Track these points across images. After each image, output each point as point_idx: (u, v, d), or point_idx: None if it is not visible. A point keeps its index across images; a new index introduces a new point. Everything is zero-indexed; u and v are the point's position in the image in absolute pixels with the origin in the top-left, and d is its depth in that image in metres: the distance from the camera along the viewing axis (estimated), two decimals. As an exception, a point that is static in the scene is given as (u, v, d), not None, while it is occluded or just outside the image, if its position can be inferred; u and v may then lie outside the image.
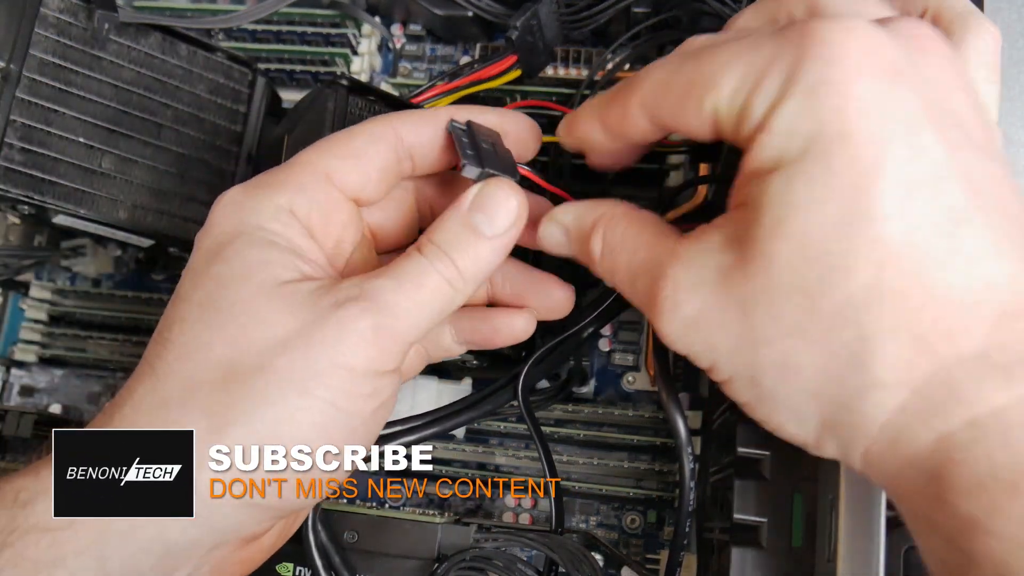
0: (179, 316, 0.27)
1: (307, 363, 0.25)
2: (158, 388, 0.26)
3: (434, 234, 0.28)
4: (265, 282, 0.26)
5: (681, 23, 0.50)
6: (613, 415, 0.45)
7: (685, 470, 0.31)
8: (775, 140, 0.22)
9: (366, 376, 0.26)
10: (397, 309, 0.26)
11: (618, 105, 0.27)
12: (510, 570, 0.34)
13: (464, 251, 0.28)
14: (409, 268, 0.27)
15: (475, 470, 0.46)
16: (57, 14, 0.39)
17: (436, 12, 0.49)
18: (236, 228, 0.27)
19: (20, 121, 0.38)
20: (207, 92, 0.44)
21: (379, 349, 0.26)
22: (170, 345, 0.26)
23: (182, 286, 0.27)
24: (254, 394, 0.25)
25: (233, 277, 0.26)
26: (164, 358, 0.26)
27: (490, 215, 0.28)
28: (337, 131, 0.29)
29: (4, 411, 0.46)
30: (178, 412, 0.25)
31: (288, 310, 0.26)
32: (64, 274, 0.53)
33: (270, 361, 0.25)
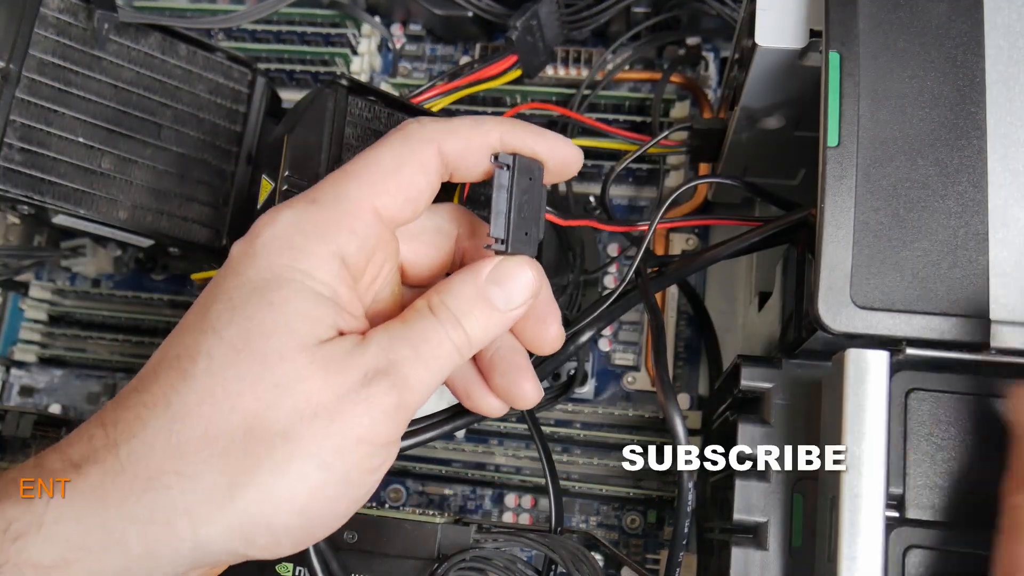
0: (207, 350, 0.25)
1: (331, 438, 0.25)
2: (175, 429, 0.25)
3: (449, 299, 0.28)
4: (306, 340, 0.26)
5: (681, 23, 0.50)
6: (613, 415, 0.45)
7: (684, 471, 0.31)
8: None
9: (381, 448, 0.26)
10: (417, 385, 0.27)
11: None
12: (510, 570, 0.34)
13: (476, 321, 0.28)
14: (426, 335, 0.27)
15: (475, 470, 0.46)
16: (57, 14, 0.39)
17: (436, 12, 0.49)
18: (285, 269, 0.26)
19: (20, 121, 0.38)
20: (207, 92, 0.44)
21: (396, 424, 0.27)
22: (192, 382, 0.25)
23: (212, 311, 0.26)
24: (275, 460, 0.25)
25: (276, 328, 0.26)
26: (183, 395, 0.25)
27: (506, 292, 0.28)
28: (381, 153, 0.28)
29: (4, 411, 0.46)
30: (194, 464, 0.24)
31: (321, 377, 0.25)
32: (64, 274, 0.53)
33: (296, 429, 0.25)
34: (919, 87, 0.30)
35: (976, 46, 0.30)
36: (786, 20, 0.33)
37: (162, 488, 0.24)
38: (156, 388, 0.25)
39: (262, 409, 0.25)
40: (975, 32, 0.30)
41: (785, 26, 0.33)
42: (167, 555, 0.25)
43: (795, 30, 0.33)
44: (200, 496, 0.24)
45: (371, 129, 0.37)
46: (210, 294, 0.27)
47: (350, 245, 0.27)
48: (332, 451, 0.25)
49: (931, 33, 0.30)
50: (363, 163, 0.28)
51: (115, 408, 0.26)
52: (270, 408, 0.25)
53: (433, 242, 0.31)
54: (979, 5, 0.30)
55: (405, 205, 0.28)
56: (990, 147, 0.29)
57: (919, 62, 0.30)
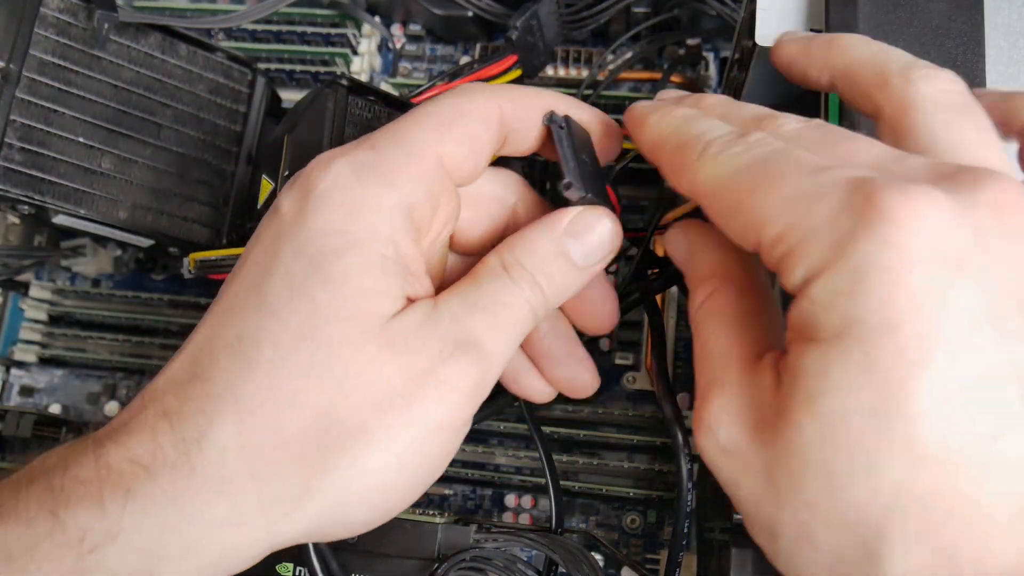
0: (270, 337, 0.24)
1: (409, 428, 0.24)
2: (244, 428, 0.23)
3: (523, 255, 0.26)
4: (372, 322, 0.24)
5: (681, 23, 0.50)
6: (613, 415, 0.45)
7: (682, 471, 0.31)
8: (815, 309, 0.20)
9: (460, 430, 0.25)
10: (496, 356, 0.25)
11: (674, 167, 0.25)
12: (510, 570, 0.34)
13: (553, 278, 0.26)
14: (501, 297, 0.26)
15: (475, 470, 0.46)
16: (57, 14, 0.39)
17: (436, 12, 0.49)
18: (346, 229, 0.24)
19: (20, 121, 0.38)
20: (207, 92, 0.44)
21: (475, 402, 0.25)
22: (257, 373, 0.24)
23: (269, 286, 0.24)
24: (351, 458, 0.24)
25: (339, 313, 0.24)
26: (250, 388, 0.24)
27: (587, 246, 0.26)
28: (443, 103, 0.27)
29: (4, 411, 0.46)
30: (268, 465, 0.23)
31: (394, 360, 0.24)
32: (64, 274, 0.53)
33: (371, 423, 0.24)
34: (919, 87, 0.30)
35: (976, 46, 0.30)
36: (786, 20, 0.33)
37: (238, 492, 0.23)
38: (218, 376, 0.24)
39: (333, 404, 0.24)
40: (975, 32, 0.30)
41: (785, 26, 0.33)
42: (242, 555, 0.24)
43: (795, 30, 0.33)
44: (276, 498, 0.24)
45: (371, 129, 0.36)
46: (263, 261, 0.25)
47: (416, 193, 0.25)
48: (410, 442, 0.24)
49: (931, 33, 0.30)
50: (424, 111, 0.27)
51: (174, 395, 0.24)
52: (341, 403, 0.24)
53: (489, 209, 0.29)
54: (979, 5, 0.30)
55: (468, 157, 0.26)
56: (990, 147, 0.29)
57: (919, 62, 0.30)
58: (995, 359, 0.19)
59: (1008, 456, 0.18)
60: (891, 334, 0.19)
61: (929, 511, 0.19)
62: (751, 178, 0.22)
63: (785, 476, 0.21)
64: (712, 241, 0.26)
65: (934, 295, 0.19)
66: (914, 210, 0.19)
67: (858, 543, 0.20)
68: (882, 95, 0.24)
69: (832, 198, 0.20)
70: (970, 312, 0.19)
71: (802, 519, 0.21)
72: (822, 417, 0.20)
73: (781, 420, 0.21)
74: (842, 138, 0.23)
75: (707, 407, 0.23)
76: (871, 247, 0.19)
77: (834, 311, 0.20)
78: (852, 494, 0.19)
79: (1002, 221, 0.19)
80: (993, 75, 0.30)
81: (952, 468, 0.18)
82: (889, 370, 0.19)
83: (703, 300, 0.26)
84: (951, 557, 0.19)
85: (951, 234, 0.19)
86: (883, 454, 0.19)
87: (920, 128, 0.23)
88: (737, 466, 0.22)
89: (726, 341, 0.24)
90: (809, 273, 0.20)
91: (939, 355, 0.18)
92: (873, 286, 0.19)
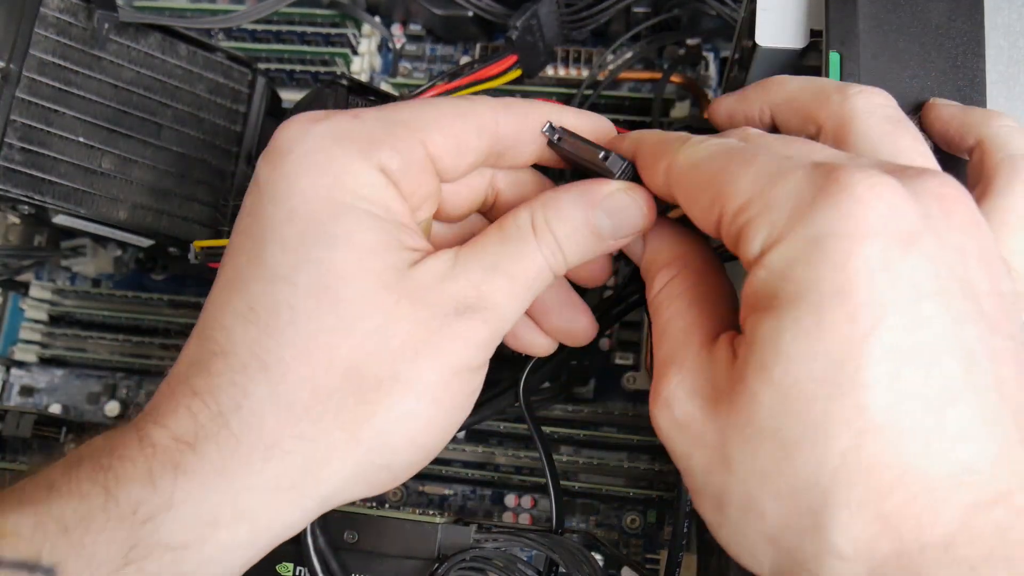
0: (286, 301, 0.24)
1: (436, 371, 0.25)
2: (280, 392, 0.24)
3: (555, 221, 0.26)
4: (386, 276, 0.25)
5: (681, 23, 0.50)
6: (613, 415, 0.45)
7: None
8: (771, 277, 0.21)
9: (479, 370, 0.27)
10: (508, 314, 0.26)
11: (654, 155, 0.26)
12: (510, 570, 0.34)
13: (577, 248, 0.27)
14: (523, 259, 0.26)
15: (475, 470, 0.46)
16: (57, 14, 0.39)
17: (436, 12, 0.49)
18: (332, 195, 0.25)
19: (20, 121, 0.38)
20: (207, 92, 0.44)
21: (490, 348, 0.26)
22: (280, 337, 0.24)
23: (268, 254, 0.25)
24: (391, 405, 0.25)
25: (350, 271, 0.24)
26: (278, 354, 0.24)
27: (618, 222, 0.27)
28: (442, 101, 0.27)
29: (4, 411, 0.46)
30: (311, 424, 0.24)
31: (412, 312, 0.25)
32: (64, 274, 0.53)
33: (402, 370, 0.25)
34: (919, 87, 0.30)
35: (976, 46, 0.30)
36: (786, 20, 0.33)
37: (284, 455, 0.24)
38: (240, 348, 0.24)
39: (363, 358, 0.24)
40: (975, 32, 0.30)
41: (785, 26, 0.33)
42: (297, 517, 0.25)
43: (795, 30, 0.33)
44: (323, 455, 0.24)
45: (371, 129, 0.36)
46: (253, 231, 0.25)
47: (394, 160, 0.25)
48: (439, 384, 0.25)
49: (931, 33, 0.30)
50: (420, 100, 0.27)
51: (201, 374, 0.25)
52: (371, 356, 0.24)
53: (468, 181, 0.29)
54: (979, 5, 0.30)
55: (452, 154, 0.27)
56: (990, 147, 0.29)
57: (919, 62, 0.30)
58: (940, 333, 0.19)
59: (950, 428, 0.19)
60: (843, 301, 0.19)
61: (874, 479, 0.19)
62: (722, 160, 0.23)
63: (737, 446, 0.21)
64: (671, 232, 0.28)
65: (887, 266, 0.19)
66: (871, 186, 0.20)
67: (804, 511, 0.20)
68: (823, 112, 0.26)
69: (795, 174, 0.21)
70: (919, 286, 0.19)
71: (751, 488, 0.21)
72: (775, 384, 0.20)
73: (736, 390, 0.21)
74: (802, 141, 0.25)
75: (664, 383, 0.24)
76: (828, 216, 0.20)
77: (789, 278, 0.20)
78: (801, 461, 0.20)
79: (947, 211, 0.21)
80: (993, 75, 0.30)
81: (898, 436, 0.19)
82: (840, 338, 0.19)
83: (663, 285, 0.27)
84: (894, 525, 0.19)
85: (905, 212, 0.20)
86: (832, 422, 0.19)
87: (861, 137, 0.25)
88: (690, 439, 0.23)
89: (684, 322, 0.25)
90: (767, 242, 0.21)
91: (888, 324, 0.19)
92: (829, 253, 0.20)
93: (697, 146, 0.25)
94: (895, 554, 0.19)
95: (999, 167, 0.26)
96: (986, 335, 0.20)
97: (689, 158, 0.24)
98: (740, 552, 0.23)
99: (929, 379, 0.19)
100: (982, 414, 0.19)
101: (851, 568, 0.20)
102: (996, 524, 0.19)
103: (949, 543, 0.19)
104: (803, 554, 0.21)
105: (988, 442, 0.19)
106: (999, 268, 0.21)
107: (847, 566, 0.20)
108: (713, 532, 0.23)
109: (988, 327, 0.20)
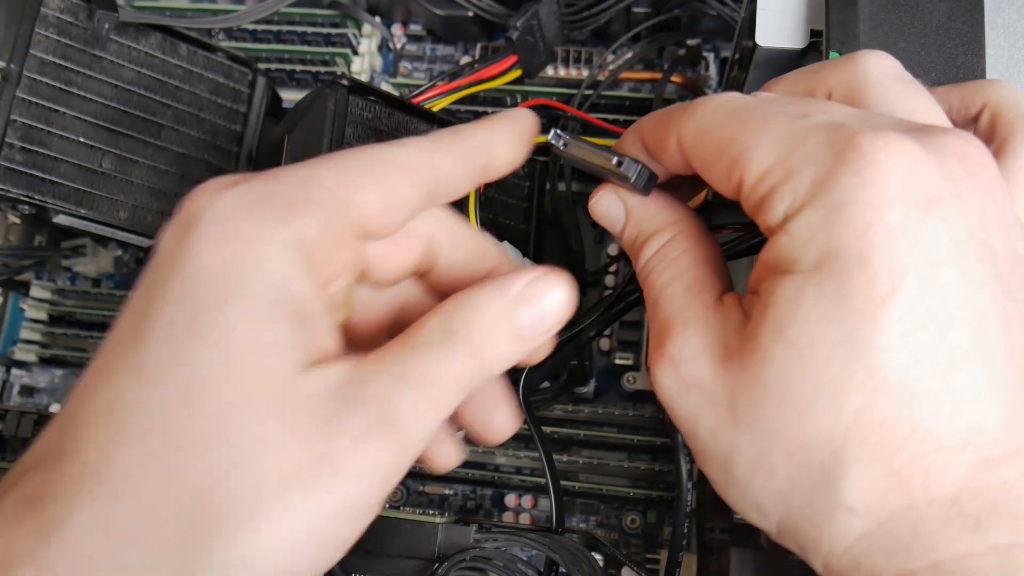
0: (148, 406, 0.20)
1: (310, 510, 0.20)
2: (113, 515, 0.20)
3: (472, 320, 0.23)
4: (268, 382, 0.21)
5: (681, 23, 0.50)
6: (613, 415, 0.45)
7: (682, 471, 0.32)
8: (794, 243, 0.21)
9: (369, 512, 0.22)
10: (420, 434, 0.22)
11: (659, 131, 0.25)
12: (510, 570, 0.34)
13: (497, 349, 0.23)
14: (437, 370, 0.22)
15: (475, 470, 0.46)
16: (57, 14, 0.39)
17: (436, 12, 0.49)
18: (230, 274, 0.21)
19: (20, 121, 0.38)
20: (207, 92, 0.45)
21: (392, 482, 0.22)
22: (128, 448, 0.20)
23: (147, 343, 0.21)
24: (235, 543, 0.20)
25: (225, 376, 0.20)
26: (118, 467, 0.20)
27: (538, 314, 0.24)
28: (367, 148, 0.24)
29: (4, 411, 0.46)
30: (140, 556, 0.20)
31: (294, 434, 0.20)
32: (64, 274, 0.53)
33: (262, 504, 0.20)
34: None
35: (976, 46, 0.30)
36: (786, 20, 0.33)
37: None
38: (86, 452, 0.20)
39: (217, 483, 0.20)
40: (975, 32, 0.30)
41: (785, 26, 0.33)
42: None
43: (795, 30, 0.33)
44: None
45: (372, 129, 0.37)
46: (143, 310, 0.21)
47: (312, 229, 0.22)
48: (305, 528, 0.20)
49: (931, 33, 0.30)
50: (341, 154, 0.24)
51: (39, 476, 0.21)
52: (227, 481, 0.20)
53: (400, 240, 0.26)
54: (979, 5, 0.30)
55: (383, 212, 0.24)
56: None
57: (919, 62, 0.30)
58: (954, 298, 0.20)
59: (958, 391, 0.20)
60: (864, 266, 0.20)
61: (885, 437, 0.20)
62: (737, 123, 0.23)
63: (748, 404, 0.22)
64: (659, 200, 0.27)
65: (906, 231, 0.20)
66: (891, 152, 0.20)
67: (815, 468, 0.21)
68: (831, 78, 0.25)
69: (814, 139, 0.21)
70: (938, 251, 0.20)
71: (761, 447, 0.21)
72: (791, 344, 0.21)
73: (748, 349, 0.22)
74: (815, 100, 0.24)
75: (670, 341, 0.24)
76: (850, 183, 0.20)
77: (812, 244, 0.21)
78: (814, 420, 0.20)
79: (970, 171, 0.21)
80: (993, 75, 0.30)
81: (909, 397, 0.20)
82: (859, 301, 0.20)
83: (656, 250, 0.26)
84: (902, 481, 0.20)
85: (924, 176, 0.20)
86: (846, 383, 0.20)
87: (876, 98, 0.24)
88: (698, 400, 0.23)
89: (686, 281, 0.25)
90: (790, 209, 0.21)
91: (906, 289, 0.20)
92: (850, 220, 0.20)
93: (703, 109, 0.24)
94: (903, 508, 0.20)
95: (1014, 125, 0.26)
96: (1000, 299, 0.20)
97: (699, 123, 0.24)
98: (747, 509, 0.23)
99: (941, 343, 0.20)
100: (991, 378, 0.20)
101: (861, 522, 0.20)
102: (1003, 480, 0.20)
103: (955, 498, 0.20)
104: (813, 509, 0.21)
105: (996, 404, 0.20)
106: (1017, 230, 0.22)
107: (857, 520, 0.20)
108: (719, 491, 0.23)
109: (1003, 291, 0.21)
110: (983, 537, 0.19)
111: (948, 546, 0.20)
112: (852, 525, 0.21)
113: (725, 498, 0.23)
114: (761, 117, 0.23)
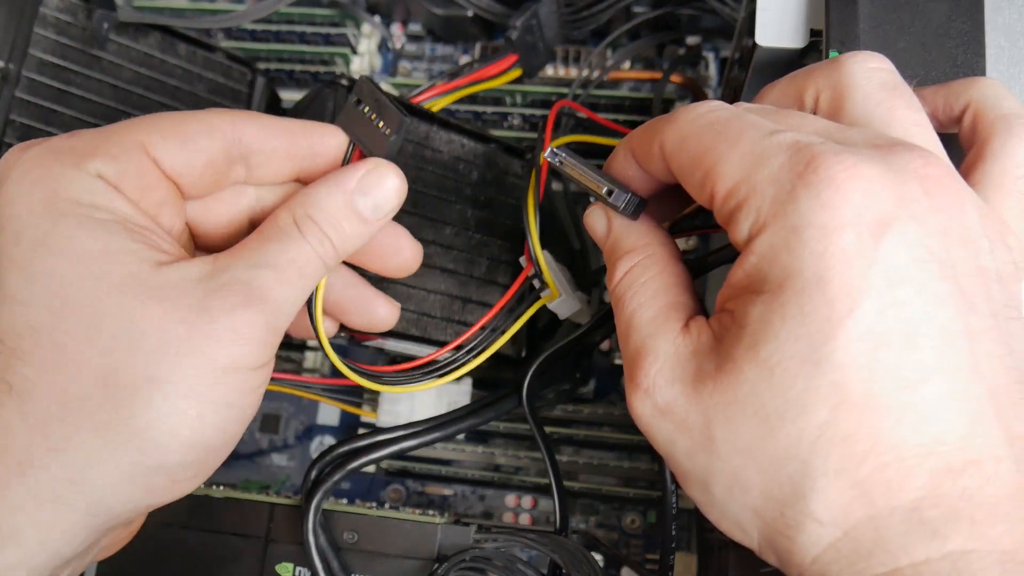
0: (25, 322, 0.24)
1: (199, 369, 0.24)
2: (28, 409, 0.24)
3: (315, 211, 0.27)
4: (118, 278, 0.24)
5: (681, 23, 0.50)
6: (613, 415, 0.45)
7: (666, 472, 0.33)
8: (760, 263, 0.22)
9: (258, 370, 0.26)
10: (284, 304, 0.26)
11: (645, 140, 0.26)
12: (510, 571, 0.34)
13: (343, 233, 0.27)
14: (291, 253, 0.26)
15: (475, 470, 0.46)
16: (56, 13, 0.39)
17: (436, 12, 0.49)
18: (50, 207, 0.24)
19: (20, 121, 0.38)
20: (206, 92, 0.44)
21: (268, 346, 0.26)
22: (29, 358, 0.24)
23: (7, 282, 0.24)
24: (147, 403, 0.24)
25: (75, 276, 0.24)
26: (22, 374, 0.24)
27: (375, 200, 0.28)
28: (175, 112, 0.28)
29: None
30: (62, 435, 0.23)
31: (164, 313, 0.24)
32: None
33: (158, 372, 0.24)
34: (919, 87, 0.30)
35: (976, 46, 0.30)
36: (786, 20, 0.33)
37: (39, 469, 0.23)
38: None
39: (114, 363, 0.24)
40: (975, 32, 0.30)
41: (785, 26, 0.33)
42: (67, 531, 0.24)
43: (795, 30, 0.33)
44: (82, 463, 0.24)
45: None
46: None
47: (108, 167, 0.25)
48: (204, 382, 0.24)
49: (931, 33, 0.30)
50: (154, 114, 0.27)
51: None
52: (123, 359, 0.24)
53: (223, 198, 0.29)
54: (979, 5, 0.30)
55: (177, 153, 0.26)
56: (990, 147, 0.29)
57: (919, 62, 0.30)
58: (914, 316, 0.20)
59: (919, 404, 0.20)
60: (822, 287, 0.21)
61: (849, 450, 0.20)
62: (711, 135, 0.24)
63: (722, 424, 0.22)
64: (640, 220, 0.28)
65: (862, 253, 0.21)
66: (849, 175, 0.21)
67: (785, 481, 0.21)
68: (820, 80, 0.26)
69: (778, 158, 0.22)
70: (894, 271, 0.21)
71: (736, 464, 0.22)
72: (762, 363, 0.21)
73: (723, 369, 0.22)
74: (791, 113, 0.25)
75: (642, 372, 0.24)
76: (808, 206, 0.21)
77: (775, 264, 0.22)
78: (783, 434, 0.21)
79: (928, 192, 0.21)
80: (993, 75, 0.30)
81: (872, 411, 0.20)
82: (820, 320, 0.21)
83: (626, 271, 0.27)
84: (866, 491, 0.20)
85: (881, 198, 0.21)
86: (812, 398, 0.21)
87: (855, 105, 0.25)
88: (673, 425, 0.24)
89: (653, 310, 0.26)
90: (753, 228, 0.22)
91: (863, 308, 0.20)
92: (807, 242, 0.21)
93: (684, 118, 0.25)
94: (867, 517, 0.21)
95: (993, 127, 0.26)
96: (964, 314, 0.21)
97: (677, 132, 0.25)
98: (730, 527, 0.24)
99: (902, 359, 0.20)
100: (954, 391, 0.21)
101: (828, 532, 0.21)
102: (963, 488, 0.20)
103: (916, 506, 0.20)
104: (784, 521, 0.22)
105: (959, 416, 0.20)
106: (983, 243, 0.22)
107: (824, 530, 0.21)
108: (703, 510, 0.24)
109: (967, 306, 0.21)
110: (941, 544, 0.20)
111: (907, 553, 0.20)
112: (820, 535, 0.21)
113: (709, 517, 0.24)
114: (736, 131, 0.23)
